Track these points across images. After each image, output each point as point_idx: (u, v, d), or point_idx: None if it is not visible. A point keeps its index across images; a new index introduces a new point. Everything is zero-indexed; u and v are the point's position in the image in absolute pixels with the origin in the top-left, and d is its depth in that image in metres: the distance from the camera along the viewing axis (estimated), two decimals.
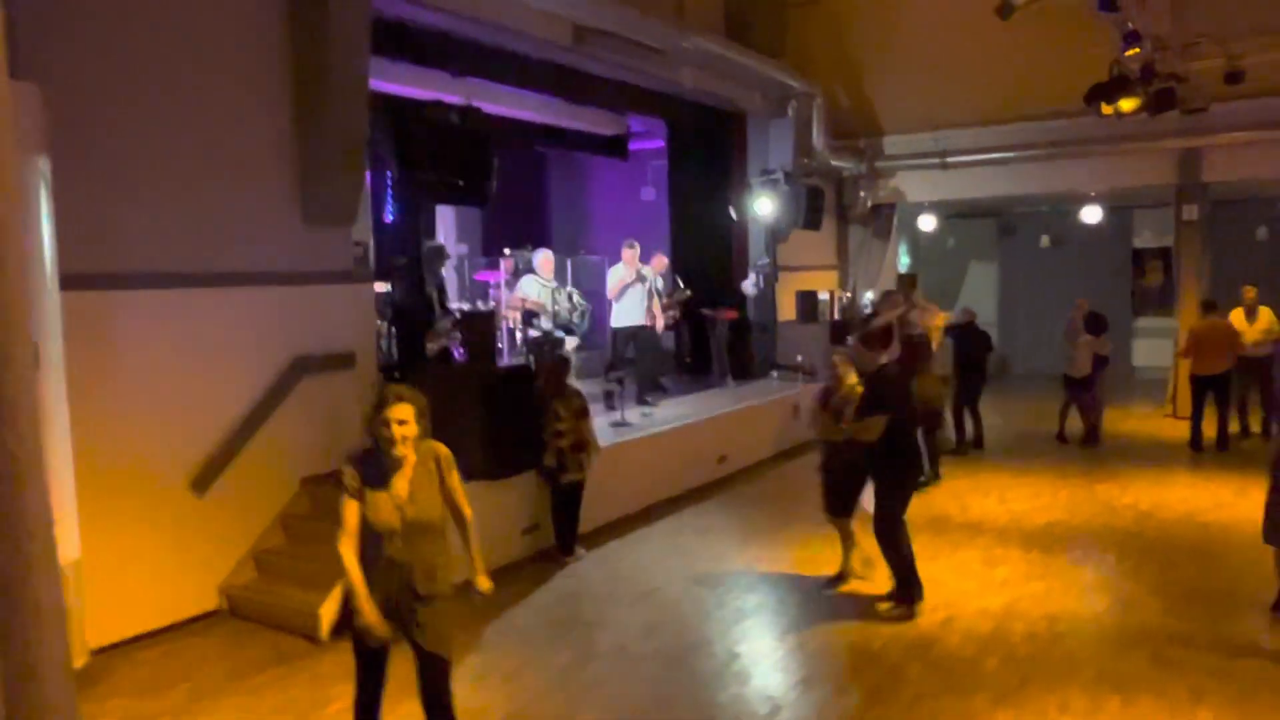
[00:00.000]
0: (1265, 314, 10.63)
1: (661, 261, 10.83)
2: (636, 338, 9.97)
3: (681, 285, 11.00)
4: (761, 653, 5.38)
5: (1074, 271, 16.13)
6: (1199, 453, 10.24)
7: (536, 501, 7.08)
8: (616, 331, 9.99)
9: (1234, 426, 10.56)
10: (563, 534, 7.02)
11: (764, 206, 11.83)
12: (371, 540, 3.49)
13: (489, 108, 8.83)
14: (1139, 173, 12.92)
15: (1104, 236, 15.94)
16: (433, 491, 3.53)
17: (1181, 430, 10.78)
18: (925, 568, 6.23)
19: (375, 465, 3.50)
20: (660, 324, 10.31)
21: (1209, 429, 10.32)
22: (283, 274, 6.58)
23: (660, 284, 10.57)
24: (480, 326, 8.38)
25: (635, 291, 9.85)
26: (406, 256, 8.95)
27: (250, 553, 6.27)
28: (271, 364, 6.47)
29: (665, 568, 6.86)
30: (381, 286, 8.45)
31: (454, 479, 3.60)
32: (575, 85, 9.97)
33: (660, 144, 13.11)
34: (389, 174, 10.15)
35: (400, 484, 3.49)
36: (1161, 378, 13.61)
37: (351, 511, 3.50)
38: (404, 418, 3.43)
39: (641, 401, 9.59)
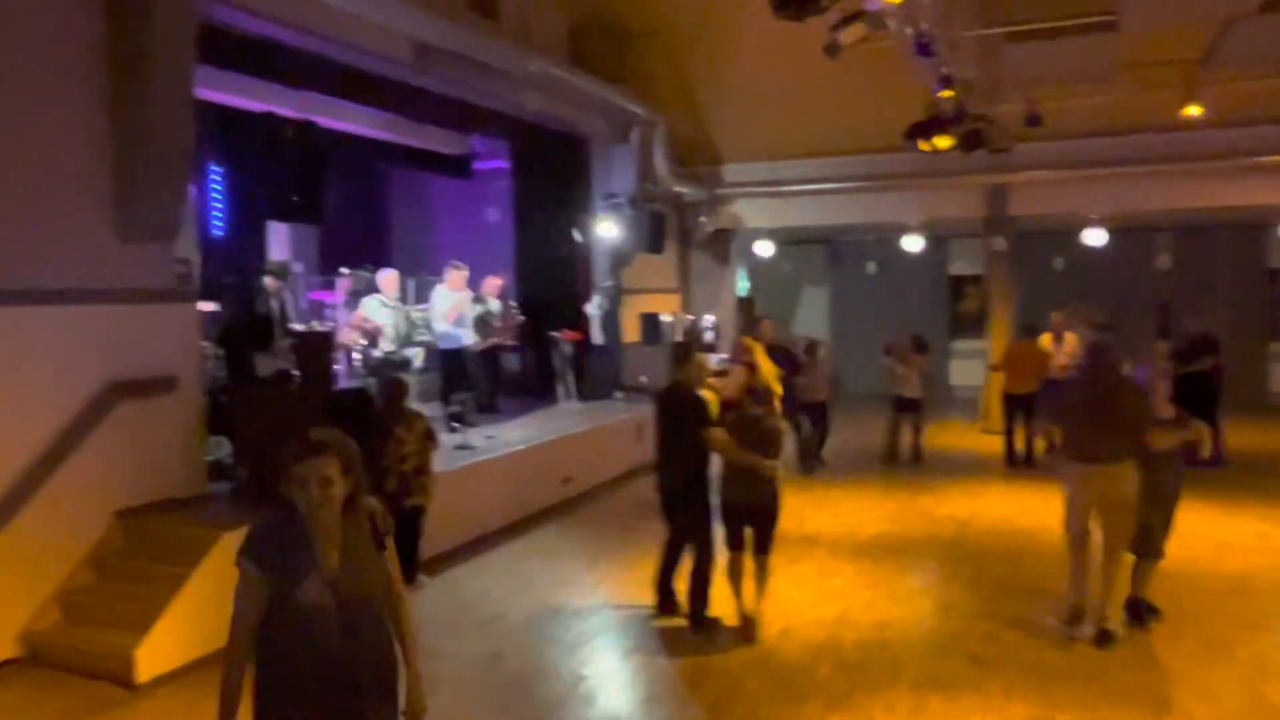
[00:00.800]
0: (1071, 339, 11.52)
1: (493, 284, 10.76)
2: (464, 359, 9.87)
3: (514, 308, 10.97)
4: (606, 674, 5.41)
5: (897, 297, 17.16)
6: (1011, 466, 11.02)
7: None
8: (445, 354, 9.83)
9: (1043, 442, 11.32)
10: (404, 562, 6.80)
11: (608, 230, 11.99)
12: (292, 634, 2.68)
13: (327, 122, 8.57)
14: (953, 205, 13.95)
15: (924, 264, 17.04)
16: (371, 561, 2.83)
17: (994, 444, 11.61)
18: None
19: (292, 536, 2.72)
20: (483, 346, 10.28)
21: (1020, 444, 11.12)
22: (96, 291, 6.13)
23: (496, 306, 10.55)
24: (316, 348, 8.08)
25: (463, 314, 9.80)
26: (235, 274, 8.53)
27: (55, 594, 5.76)
28: (82, 388, 6.00)
29: (509, 593, 6.78)
30: (208, 306, 8.02)
31: (391, 549, 2.91)
32: (417, 103, 9.80)
33: (505, 164, 13.07)
34: (216, 188, 9.67)
35: (329, 555, 2.73)
36: (976, 396, 14.62)
37: (250, 604, 2.69)
38: (329, 474, 2.68)
39: (458, 422, 9.47)
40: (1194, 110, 10.62)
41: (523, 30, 10.25)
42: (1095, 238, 14.15)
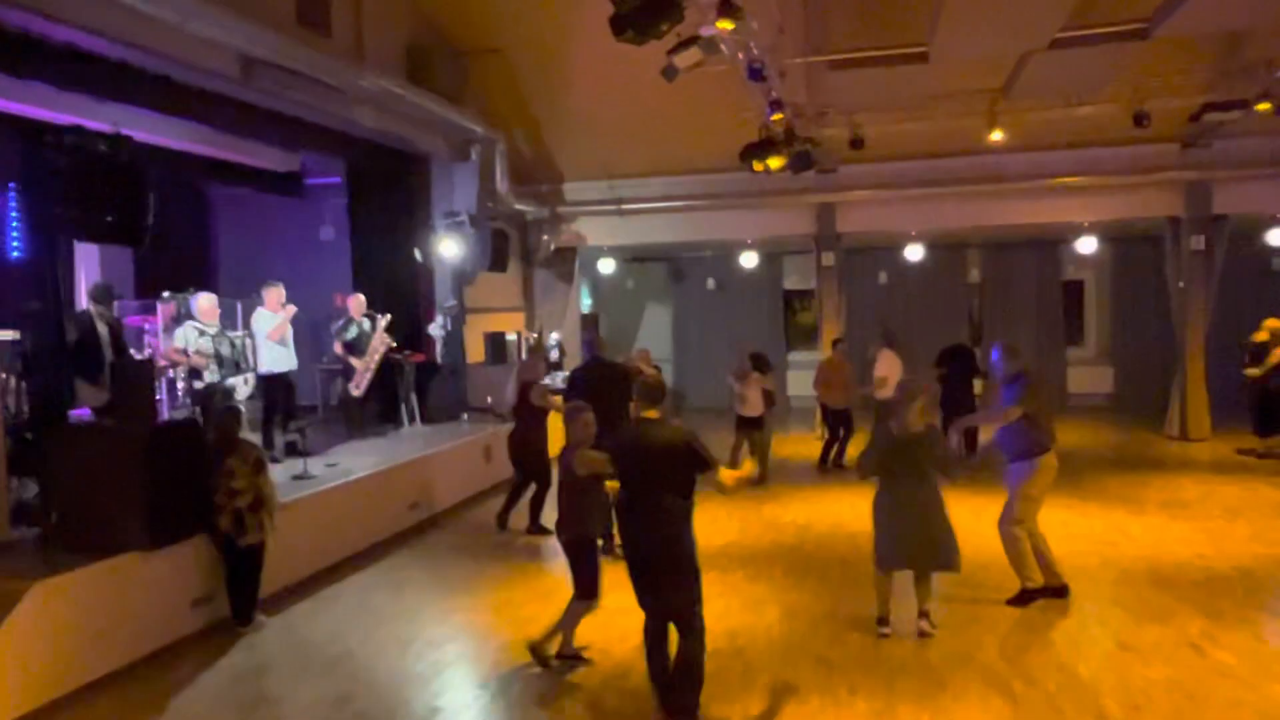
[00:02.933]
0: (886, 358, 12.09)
1: (359, 301, 10.62)
2: (289, 383, 9.49)
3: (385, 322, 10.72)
4: (463, 704, 5.29)
5: (736, 312, 17.76)
6: (821, 470, 11.72)
7: (207, 569, 6.45)
8: (273, 378, 9.38)
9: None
10: (240, 602, 6.44)
11: (449, 248, 11.80)
12: None
13: (143, 136, 8.03)
14: (785, 223, 14.59)
15: (760, 280, 17.71)
16: None
17: None
18: (616, 598, 6.46)
19: None
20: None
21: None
22: None
23: (368, 325, 10.50)
24: (134, 378, 7.52)
25: (286, 335, 9.47)
26: (38, 300, 7.86)
27: None
28: None
29: (357, 627, 6.53)
30: (7, 334, 7.36)
31: None
32: (244, 118, 9.30)
33: (340, 181, 12.64)
34: (13, 206, 8.90)
35: None
36: (813, 406, 15.24)
37: None
38: None
39: (296, 451, 9.12)
40: (996, 136, 11.51)
41: (357, 46, 9.96)
42: (914, 253, 15.20)
